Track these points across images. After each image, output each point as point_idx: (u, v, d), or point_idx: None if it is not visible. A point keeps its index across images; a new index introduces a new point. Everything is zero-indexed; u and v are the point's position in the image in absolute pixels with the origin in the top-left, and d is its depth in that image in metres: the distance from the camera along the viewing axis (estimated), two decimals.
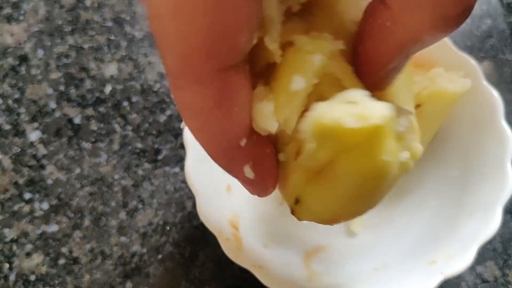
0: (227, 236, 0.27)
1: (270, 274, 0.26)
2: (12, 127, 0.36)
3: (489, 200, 0.28)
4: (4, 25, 0.39)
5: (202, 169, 0.28)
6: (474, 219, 0.28)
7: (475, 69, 0.29)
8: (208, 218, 0.27)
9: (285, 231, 0.31)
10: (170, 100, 0.38)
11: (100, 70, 0.39)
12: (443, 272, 0.26)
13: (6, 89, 0.37)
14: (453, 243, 0.28)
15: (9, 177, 0.35)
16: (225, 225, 0.28)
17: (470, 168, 0.30)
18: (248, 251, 0.27)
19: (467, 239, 0.27)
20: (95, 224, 0.34)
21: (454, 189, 0.30)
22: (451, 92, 0.29)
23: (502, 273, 0.34)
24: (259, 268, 0.26)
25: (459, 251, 0.27)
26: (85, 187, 0.35)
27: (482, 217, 0.27)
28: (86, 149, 0.36)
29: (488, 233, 0.26)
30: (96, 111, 0.37)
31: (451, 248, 0.27)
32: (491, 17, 0.43)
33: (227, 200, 0.30)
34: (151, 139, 0.37)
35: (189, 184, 0.27)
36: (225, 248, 0.26)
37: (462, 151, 0.31)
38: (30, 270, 0.32)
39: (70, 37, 0.39)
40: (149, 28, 0.16)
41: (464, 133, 0.31)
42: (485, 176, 0.29)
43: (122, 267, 0.33)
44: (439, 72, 0.30)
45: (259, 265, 0.26)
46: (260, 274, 0.26)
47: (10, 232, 0.33)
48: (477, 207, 0.28)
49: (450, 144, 0.31)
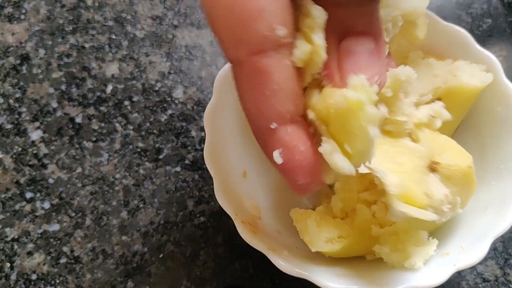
0: (243, 219, 0.27)
1: (284, 258, 0.26)
2: (14, 126, 0.36)
3: (504, 195, 0.28)
4: (5, 24, 0.39)
5: (220, 154, 0.28)
6: (488, 214, 0.28)
7: (496, 65, 0.29)
8: (225, 200, 0.27)
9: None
10: (171, 99, 0.38)
11: (101, 69, 0.39)
12: (456, 264, 0.26)
13: (7, 88, 0.37)
14: (467, 236, 0.28)
15: (11, 176, 0.35)
16: (242, 208, 0.28)
17: (486, 164, 0.30)
18: (262, 234, 0.28)
19: (481, 233, 0.27)
20: (96, 223, 0.34)
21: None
22: (472, 86, 0.29)
23: (503, 272, 0.34)
24: (273, 251, 0.26)
25: (472, 244, 0.27)
26: (86, 186, 0.35)
27: (496, 212, 0.27)
28: (87, 148, 0.36)
29: (502, 228, 0.26)
30: (97, 111, 0.37)
31: (464, 242, 0.27)
32: (492, 16, 0.43)
33: (243, 185, 0.30)
34: (152, 138, 0.37)
35: (208, 167, 0.28)
36: (241, 231, 0.27)
37: (479, 146, 0.31)
38: (31, 269, 0.32)
39: (71, 36, 0.39)
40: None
41: (482, 129, 0.31)
42: (501, 172, 0.29)
43: (123, 266, 0.33)
44: (461, 65, 0.29)
45: (273, 248, 0.26)
46: (274, 258, 0.26)
47: (11, 231, 0.33)
48: (492, 202, 0.28)
49: (468, 139, 0.31)
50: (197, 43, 0.40)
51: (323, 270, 0.27)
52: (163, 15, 0.41)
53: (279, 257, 0.26)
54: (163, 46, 0.40)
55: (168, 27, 0.41)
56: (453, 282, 0.34)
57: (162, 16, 0.41)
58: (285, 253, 0.27)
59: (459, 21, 0.42)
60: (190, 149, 0.37)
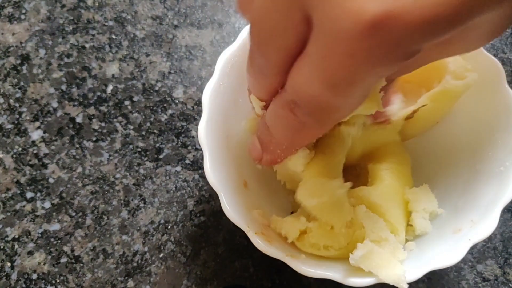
0: (255, 230, 0.27)
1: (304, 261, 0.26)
2: (14, 126, 0.36)
3: (503, 164, 0.28)
4: (6, 24, 0.39)
5: (219, 168, 0.28)
6: (491, 184, 0.28)
7: (499, 71, 0.29)
8: (235, 215, 0.26)
9: None
10: (171, 99, 0.38)
11: (102, 69, 0.39)
12: (470, 238, 0.26)
13: (8, 88, 0.37)
14: (475, 210, 0.28)
15: (11, 176, 0.35)
16: (251, 219, 0.28)
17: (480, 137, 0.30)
18: (276, 241, 0.27)
19: (488, 205, 0.27)
20: (97, 223, 0.34)
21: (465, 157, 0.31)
22: (453, 91, 0.29)
23: (502, 271, 0.34)
24: (291, 257, 0.26)
25: (482, 216, 0.27)
26: (86, 186, 0.35)
27: (499, 182, 0.27)
28: (87, 148, 0.36)
29: (508, 196, 0.26)
30: (97, 110, 0.37)
31: (474, 215, 0.27)
32: None
33: (246, 195, 0.30)
34: (153, 138, 0.37)
35: (211, 184, 0.27)
36: (256, 243, 0.26)
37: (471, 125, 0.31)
38: (32, 268, 0.32)
39: (72, 36, 0.39)
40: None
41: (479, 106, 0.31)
42: (497, 141, 0.29)
43: (124, 265, 0.33)
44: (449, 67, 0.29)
45: (290, 254, 0.26)
46: (294, 263, 0.25)
47: (12, 231, 0.33)
48: (493, 173, 0.28)
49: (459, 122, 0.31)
50: (197, 43, 0.40)
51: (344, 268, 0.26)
52: (163, 15, 0.41)
53: (298, 261, 0.25)
54: (163, 46, 0.40)
55: (168, 27, 0.41)
56: (453, 281, 0.34)
57: (162, 16, 0.41)
58: (303, 256, 0.27)
59: None
60: (191, 148, 0.37)
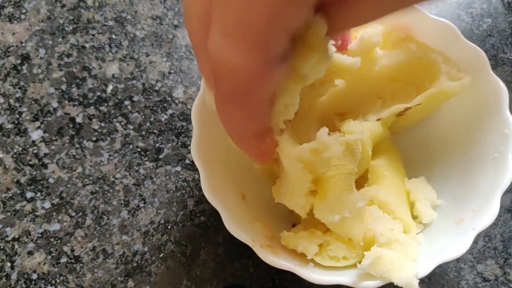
0: (260, 243, 0.26)
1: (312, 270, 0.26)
2: (14, 126, 0.36)
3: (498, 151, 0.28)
4: (6, 24, 0.39)
5: (217, 185, 0.28)
6: (487, 173, 0.28)
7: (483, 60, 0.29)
8: (239, 231, 0.26)
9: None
10: (172, 99, 0.38)
11: (102, 69, 0.39)
12: (474, 227, 0.26)
13: (8, 88, 0.37)
14: (475, 199, 0.28)
15: (11, 176, 0.35)
16: (255, 232, 0.27)
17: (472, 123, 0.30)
18: (283, 252, 0.27)
19: (487, 193, 0.27)
20: (97, 223, 0.34)
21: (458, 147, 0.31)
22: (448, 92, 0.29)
23: (502, 271, 0.34)
24: (299, 267, 0.25)
25: (483, 205, 0.27)
26: (86, 186, 0.35)
27: (494, 169, 0.27)
28: (87, 148, 0.36)
29: (506, 182, 0.26)
30: (97, 110, 0.37)
31: (474, 205, 0.27)
32: (492, 16, 0.43)
33: (245, 208, 0.29)
34: (153, 138, 0.37)
35: (211, 202, 0.27)
36: (263, 256, 0.25)
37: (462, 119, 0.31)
38: (32, 268, 0.32)
39: (72, 36, 0.39)
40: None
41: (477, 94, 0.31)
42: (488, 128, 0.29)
43: (124, 265, 0.33)
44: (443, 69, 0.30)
45: (298, 263, 0.26)
46: (303, 272, 0.25)
47: (12, 230, 0.33)
48: (487, 162, 0.28)
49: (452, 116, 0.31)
50: None
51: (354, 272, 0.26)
52: (163, 15, 0.41)
53: (308, 271, 0.25)
54: (163, 46, 0.40)
55: (168, 27, 0.41)
56: (453, 281, 0.34)
57: (162, 16, 0.41)
58: (311, 264, 0.26)
59: (459, 21, 0.42)
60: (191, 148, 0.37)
